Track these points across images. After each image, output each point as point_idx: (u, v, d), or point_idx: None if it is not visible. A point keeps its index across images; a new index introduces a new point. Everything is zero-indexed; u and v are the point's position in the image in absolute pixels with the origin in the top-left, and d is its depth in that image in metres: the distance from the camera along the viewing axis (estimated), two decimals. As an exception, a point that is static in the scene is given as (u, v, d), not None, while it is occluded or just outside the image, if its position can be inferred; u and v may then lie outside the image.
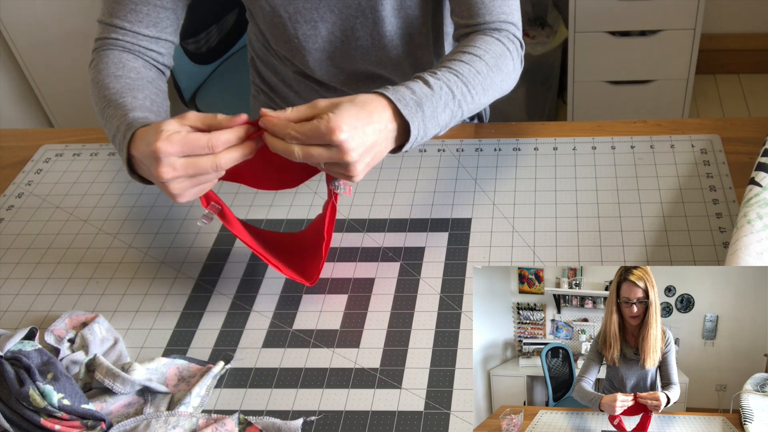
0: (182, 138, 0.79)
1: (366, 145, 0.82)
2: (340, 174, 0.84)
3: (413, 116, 0.86)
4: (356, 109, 0.81)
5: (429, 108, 0.88)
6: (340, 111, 0.80)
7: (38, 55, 2.24)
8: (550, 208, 1.02)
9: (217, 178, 0.84)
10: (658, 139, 1.12)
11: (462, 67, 0.94)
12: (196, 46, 1.79)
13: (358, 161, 0.82)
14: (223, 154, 0.80)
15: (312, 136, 0.79)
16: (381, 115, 0.84)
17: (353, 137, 0.80)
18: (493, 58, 0.98)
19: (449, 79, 0.92)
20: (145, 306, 0.95)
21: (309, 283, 0.93)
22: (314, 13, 1.06)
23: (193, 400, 0.81)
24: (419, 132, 0.87)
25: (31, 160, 1.19)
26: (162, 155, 0.79)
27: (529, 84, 2.42)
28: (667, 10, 2.17)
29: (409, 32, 1.09)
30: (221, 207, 0.89)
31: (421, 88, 0.89)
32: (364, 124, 0.81)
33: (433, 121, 0.89)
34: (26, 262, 1.02)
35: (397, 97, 0.86)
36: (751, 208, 0.90)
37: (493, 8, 1.02)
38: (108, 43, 1.03)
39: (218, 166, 0.81)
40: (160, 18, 1.03)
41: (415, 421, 0.80)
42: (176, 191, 0.82)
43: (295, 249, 0.97)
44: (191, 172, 0.80)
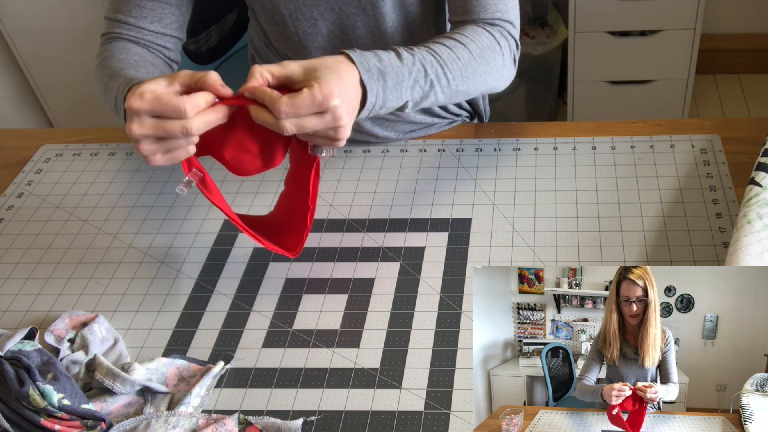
0: (154, 97, 0.78)
1: (351, 108, 0.83)
2: (324, 141, 0.84)
3: (373, 84, 0.86)
4: (336, 74, 0.81)
5: (392, 80, 0.88)
6: (325, 77, 0.80)
7: (38, 55, 2.24)
8: (550, 208, 1.02)
9: (191, 146, 0.82)
10: (658, 139, 1.12)
11: (442, 50, 0.94)
12: (196, 46, 1.79)
13: (348, 125, 0.82)
14: (194, 119, 0.78)
15: (305, 107, 0.78)
16: (354, 78, 0.84)
17: (344, 102, 0.80)
18: (478, 48, 0.97)
19: (425, 57, 0.91)
20: (145, 306, 0.95)
21: (291, 254, 0.92)
22: (314, 11, 1.06)
23: (193, 400, 0.81)
24: (377, 100, 0.87)
25: (31, 160, 1.19)
26: (132, 112, 0.78)
27: (529, 84, 2.42)
28: (667, 10, 2.17)
29: (410, 29, 1.09)
30: (203, 175, 0.86)
31: (390, 59, 0.88)
32: (348, 88, 0.82)
33: (395, 94, 0.88)
34: (26, 262, 1.02)
35: (361, 61, 0.86)
36: (751, 208, 0.90)
37: (488, 5, 1.01)
38: (113, 36, 1.04)
39: (187, 131, 0.78)
40: (164, 14, 1.04)
41: (415, 421, 0.80)
42: (145, 152, 0.80)
43: (276, 222, 0.96)
44: (160, 134, 0.79)
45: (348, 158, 1.14)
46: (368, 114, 0.88)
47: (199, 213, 1.07)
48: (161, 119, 0.78)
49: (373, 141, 1.17)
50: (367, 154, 1.15)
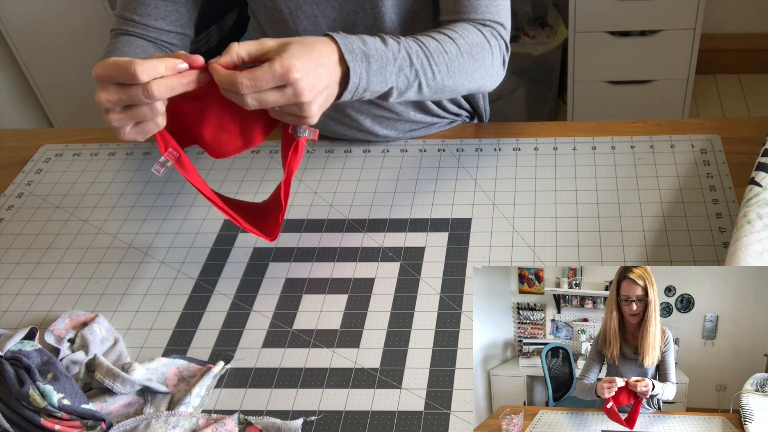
0: (113, 62, 0.78)
1: (319, 87, 0.82)
2: (292, 118, 0.84)
3: (356, 65, 0.86)
4: (306, 50, 0.81)
5: (377, 63, 0.88)
6: (290, 51, 0.80)
7: (38, 55, 2.24)
8: (550, 208, 1.02)
9: (159, 117, 0.82)
10: (658, 139, 1.12)
11: (429, 42, 0.94)
12: (196, 46, 1.79)
13: (313, 101, 0.82)
14: (156, 81, 0.78)
15: (265, 80, 0.79)
16: (330, 57, 0.84)
17: (307, 77, 0.80)
18: (467, 45, 0.97)
19: (411, 46, 0.92)
20: (145, 306, 0.95)
21: (269, 238, 0.92)
22: (315, 8, 1.06)
23: (193, 400, 0.81)
24: (360, 82, 0.87)
25: (31, 160, 1.19)
26: (96, 79, 0.79)
27: (529, 84, 2.42)
28: (667, 10, 2.17)
29: (410, 28, 1.09)
30: (179, 155, 0.86)
31: (375, 43, 0.89)
32: (317, 65, 0.82)
33: (380, 78, 0.88)
34: (26, 262, 1.02)
35: (344, 42, 0.86)
36: (751, 208, 0.90)
37: (479, 6, 1.01)
38: (120, 32, 1.07)
39: (149, 94, 0.78)
40: (169, 11, 1.06)
41: (415, 421, 0.80)
42: (114, 122, 0.81)
43: (258, 205, 0.96)
44: (124, 99, 0.79)
45: (348, 158, 1.14)
46: (352, 96, 0.88)
47: (199, 213, 1.07)
48: (125, 85, 0.78)
49: (373, 140, 1.17)
50: (367, 154, 1.15)
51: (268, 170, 1.12)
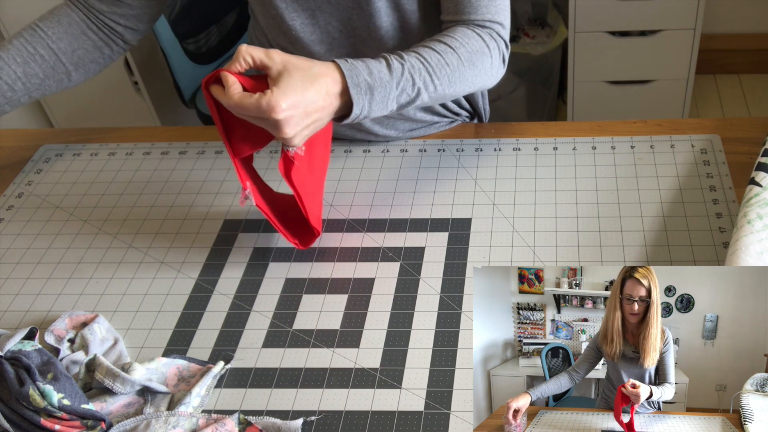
0: None
1: (303, 123, 0.85)
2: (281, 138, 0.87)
3: (360, 98, 0.88)
4: (302, 86, 0.83)
5: (380, 93, 0.90)
6: (284, 85, 0.82)
7: (38, 55, 2.23)
8: (550, 208, 1.02)
9: None
10: (658, 139, 1.12)
11: (432, 56, 0.95)
12: (196, 46, 1.79)
13: (295, 136, 0.85)
14: None
15: (250, 110, 0.82)
16: (331, 90, 0.86)
17: (291, 117, 0.82)
18: (468, 53, 0.98)
19: (413, 66, 0.93)
20: (145, 306, 0.95)
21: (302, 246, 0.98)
22: (311, 3, 1.06)
23: (193, 400, 0.81)
24: (362, 112, 0.90)
25: (31, 160, 1.19)
26: None
27: (529, 84, 2.42)
28: (667, 10, 2.17)
29: (407, 26, 1.10)
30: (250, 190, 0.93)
31: (381, 72, 0.90)
32: (308, 103, 0.84)
33: (381, 105, 0.91)
34: (26, 262, 1.02)
35: (351, 74, 0.88)
36: (751, 208, 0.90)
37: (479, 7, 1.02)
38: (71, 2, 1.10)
39: None
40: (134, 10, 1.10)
41: (415, 421, 0.80)
42: None
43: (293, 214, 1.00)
44: None
45: (348, 158, 1.14)
46: (350, 122, 0.91)
47: (199, 213, 1.07)
48: None
49: (373, 140, 1.17)
50: (367, 154, 1.15)
51: (268, 170, 1.12)
